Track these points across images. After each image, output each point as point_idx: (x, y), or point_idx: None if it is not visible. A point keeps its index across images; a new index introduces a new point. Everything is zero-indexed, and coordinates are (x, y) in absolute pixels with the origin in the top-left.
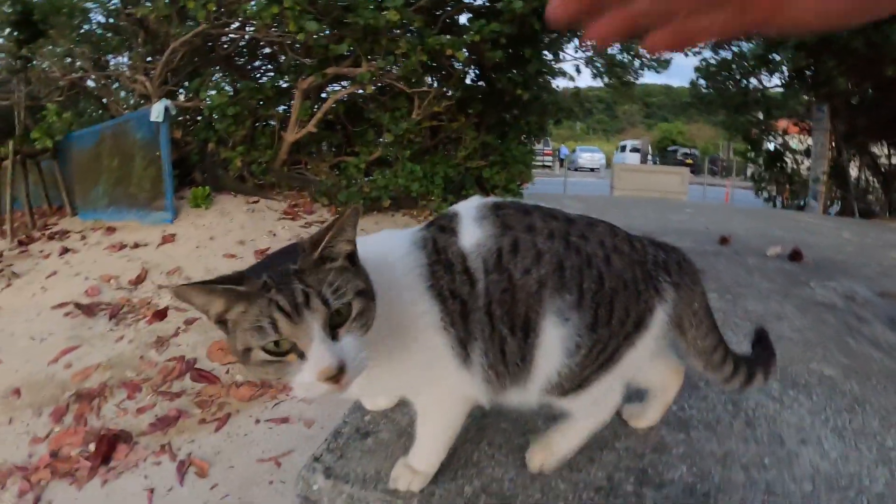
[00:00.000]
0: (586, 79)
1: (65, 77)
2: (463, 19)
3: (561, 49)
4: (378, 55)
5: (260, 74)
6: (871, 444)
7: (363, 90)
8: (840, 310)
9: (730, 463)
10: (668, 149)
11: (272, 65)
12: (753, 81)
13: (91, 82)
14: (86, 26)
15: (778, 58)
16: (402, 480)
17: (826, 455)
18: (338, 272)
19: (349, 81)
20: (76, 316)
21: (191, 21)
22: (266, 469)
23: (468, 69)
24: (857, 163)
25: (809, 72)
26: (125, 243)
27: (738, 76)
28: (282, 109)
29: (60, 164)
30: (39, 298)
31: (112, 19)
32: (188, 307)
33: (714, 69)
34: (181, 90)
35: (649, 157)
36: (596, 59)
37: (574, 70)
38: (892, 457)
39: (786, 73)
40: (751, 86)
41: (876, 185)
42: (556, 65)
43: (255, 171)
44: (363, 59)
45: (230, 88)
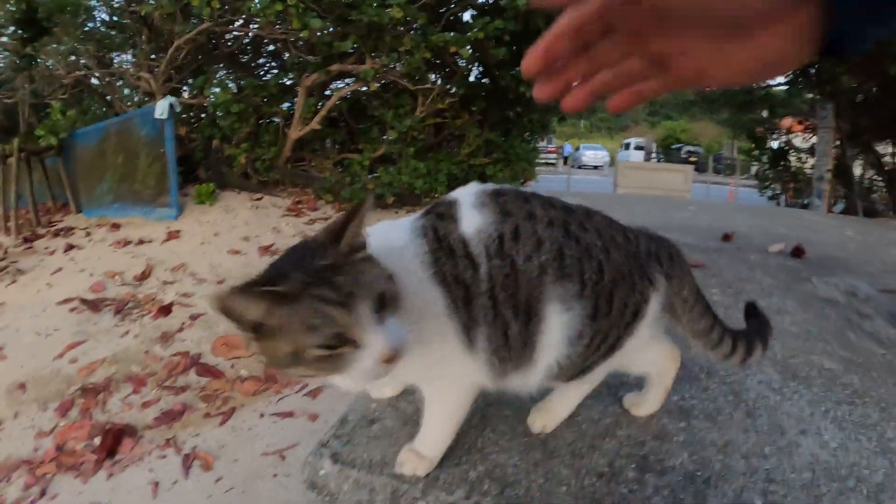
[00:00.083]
0: None
1: (69, 75)
2: (467, 16)
3: None
4: (382, 52)
5: (264, 72)
6: (871, 436)
7: (367, 87)
8: (841, 305)
9: (730, 452)
10: (672, 147)
11: (276, 62)
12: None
13: (95, 80)
14: (90, 24)
15: None
16: (408, 465)
17: (826, 445)
18: (366, 260)
19: (353, 78)
20: (81, 311)
21: (195, 19)
22: (270, 462)
23: (472, 66)
24: (862, 161)
25: (813, 70)
26: (130, 240)
27: None
28: (286, 106)
29: (65, 162)
30: (45, 294)
31: (116, 17)
32: (193, 303)
33: None
34: (185, 87)
35: (653, 155)
36: None
37: None
38: (892, 448)
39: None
40: (755, 84)
41: (880, 184)
42: None
43: (260, 168)
44: (367, 57)
45: (234, 86)
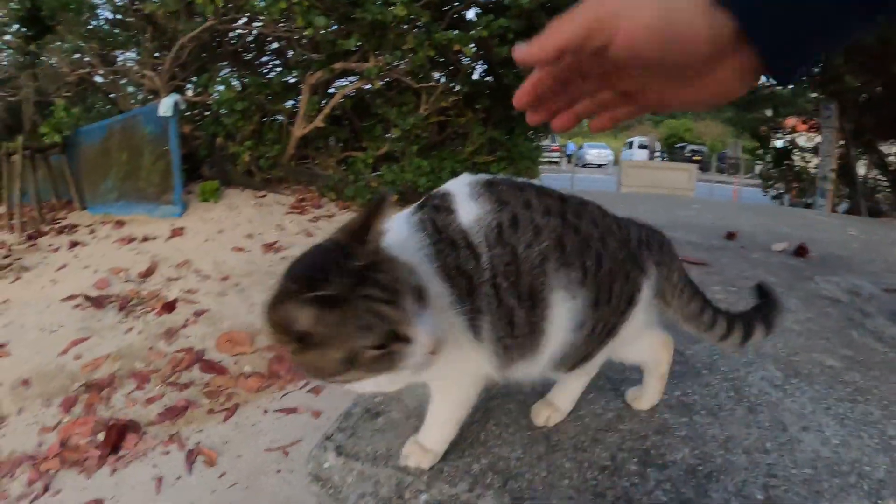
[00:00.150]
0: None
1: (73, 73)
2: (471, 14)
3: None
4: (385, 50)
5: (268, 70)
6: (873, 433)
7: (371, 85)
8: (844, 304)
9: (732, 447)
10: (676, 145)
11: (280, 60)
12: (762, 78)
13: (99, 78)
14: (93, 22)
15: None
16: (413, 458)
17: (827, 441)
18: (392, 257)
19: (357, 76)
20: (86, 308)
21: (198, 17)
22: (274, 458)
23: (475, 64)
24: (866, 161)
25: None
26: (134, 237)
27: None
28: (289, 104)
29: (69, 159)
30: (49, 291)
31: (120, 15)
32: (197, 300)
33: None
34: (189, 85)
35: (657, 154)
36: None
37: None
38: (893, 445)
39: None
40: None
41: (884, 184)
42: None
43: (263, 166)
44: (371, 55)
45: (238, 83)
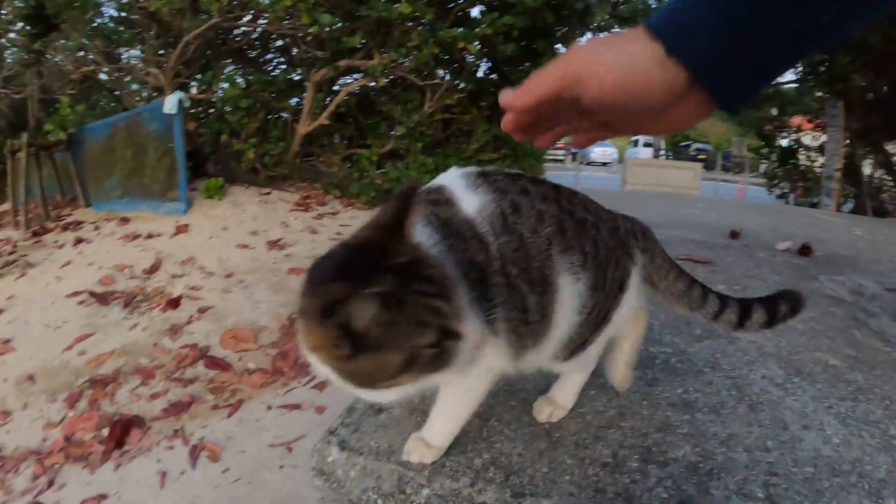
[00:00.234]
0: None
1: (77, 70)
2: (475, 12)
3: (574, 42)
4: (390, 48)
5: (272, 67)
6: (874, 432)
7: (375, 82)
8: (848, 303)
9: (733, 445)
10: (681, 144)
11: (284, 57)
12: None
13: (104, 75)
14: (98, 20)
15: None
16: (416, 454)
17: (829, 440)
18: (429, 251)
19: (361, 74)
20: (90, 304)
21: (203, 14)
22: (277, 454)
23: (480, 62)
24: (872, 161)
25: (824, 68)
26: (139, 234)
27: None
28: (294, 102)
29: (74, 156)
30: (54, 288)
31: (124, 13)
32: (201, 296)
33: None
34: (194, 83)
35: (662, 152)
36: None
37: None
38: (895, 444)
39: (800, 69)
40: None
41: (890, 184)
42: None
43: (268, 163)
44: (375, 52)
45: (243, 81)
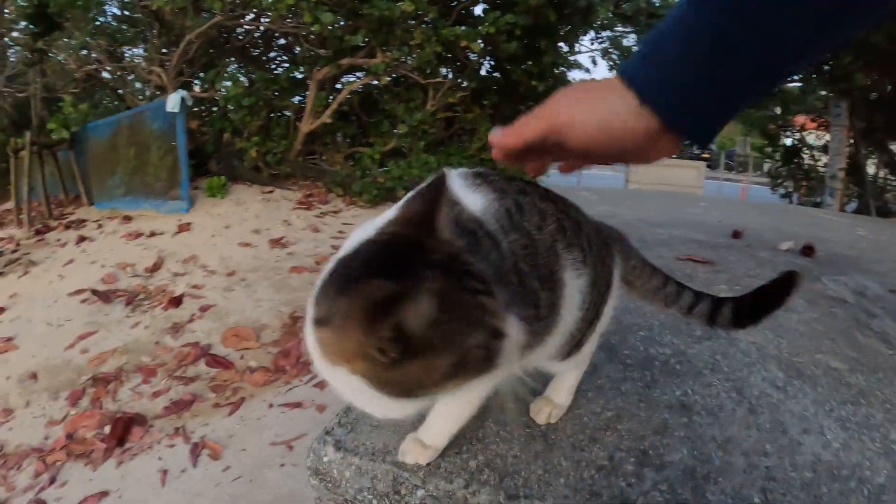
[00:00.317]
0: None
1: (80, 69)
2: (478, 10)
3: (577, 41)
4: (393, 46)
5: (275, 65)
6: (875, 436)
7: (378, 81)
8: (850, 304)
9: (731, 448)
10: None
11: (287, 56)
12: None
13: (107, 74)
14: (101, 19)
15: None
16: (411, 455)
17: (828, 445)
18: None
19: (364, 72)
20: (93, 302)
21: (206, 13)
22: (278, 452)
23: (483, 60)
24: (876, 160)
25: (827, 67)
26: (141, 232)
27: None
28: (297, 100)
29: (77, 155)
30: (56, 286)
31: (127, 11)
32: (203, 295)
33: None
34: (196, 81)
35: None
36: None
37: (590, 62)
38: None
39: None
40: None
41: (894, 184)
42: (572, 56)
43: (271, 162)
44: (378, 50)
45: (245, 79)
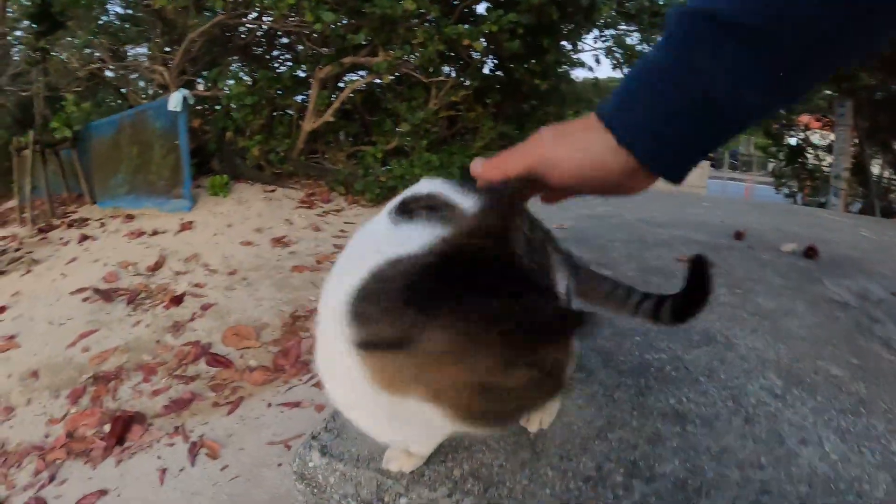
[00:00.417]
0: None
1: (83, 68)
2: (481, 9)
3: (580, 39)
4: (395, 45)
5: (278, 64)
6: (875, 448)
7: (380, 80)
8: (853, 308)
9: (725, 460)
10: None
11: (290, 54)
12: None
13: (109, 73)
14: (104, 18)
15: None
16: (396, 462)
17: (826, 457)
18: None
19: (366, 71)
20: (95, 301)
21: (208, 12)
22: (276, 451)
23: (485, 59)
24: (880, 160)
25: None
26: (143, 230)
27: None
28: (299, 99)
29: (79, 154)
30: (59, 284)
31: (130, 10)
32: (205, 293)
33: None
34: (199, 80)
35: None
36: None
37: (593, 60)
38: None
39: None
40: None
41: None
42: (575, 55)
43: (273, 160)
44: (380, 49)
45: (248, 78)
